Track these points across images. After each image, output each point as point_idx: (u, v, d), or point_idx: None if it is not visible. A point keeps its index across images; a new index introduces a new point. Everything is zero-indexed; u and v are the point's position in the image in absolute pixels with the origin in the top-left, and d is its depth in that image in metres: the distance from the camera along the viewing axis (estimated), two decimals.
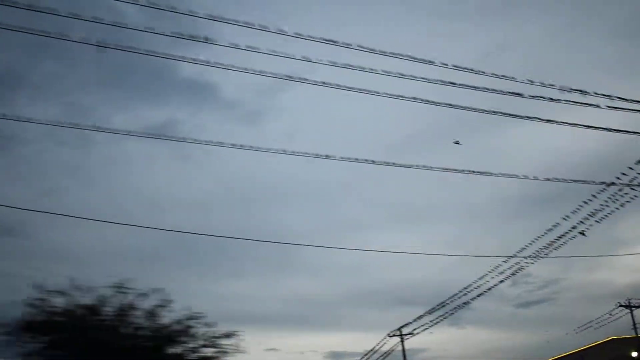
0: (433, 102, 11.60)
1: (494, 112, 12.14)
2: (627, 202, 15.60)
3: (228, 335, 17.37)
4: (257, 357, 50.80)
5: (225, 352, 17.21)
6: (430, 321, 29.14)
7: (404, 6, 67.45)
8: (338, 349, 56.14)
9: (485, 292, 23.85)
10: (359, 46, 10.72)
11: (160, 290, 16.80)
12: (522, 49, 67.80)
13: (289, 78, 10.95)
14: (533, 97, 11.93)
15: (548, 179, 14.39)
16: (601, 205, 16.32)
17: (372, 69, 10.89)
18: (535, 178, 14.26)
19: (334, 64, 10.78)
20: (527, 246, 19.88)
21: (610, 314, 34.24)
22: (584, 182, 14.74)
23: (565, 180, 14.30)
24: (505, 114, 12.20)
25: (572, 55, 65.80)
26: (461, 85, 11.52)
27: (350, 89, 11.07)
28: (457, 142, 19.94)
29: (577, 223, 17.38)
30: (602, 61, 64.04)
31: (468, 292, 25.11)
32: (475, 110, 11.92)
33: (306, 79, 11.18)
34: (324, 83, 11.12)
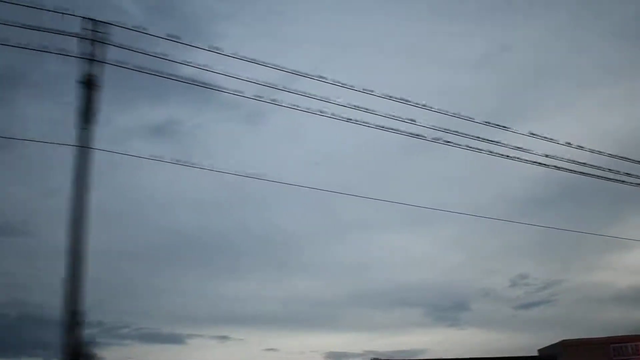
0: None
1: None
2: None
3: None
4: (257, 357, 50.84)
5: None
6: None
7: (407, 5, 67.53)
8: (338, 350, 56.14)
9: None
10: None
11: None
12: (524, 49, 67.83)
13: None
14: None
15: None
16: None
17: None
18: None
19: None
20: None
21: None
22: None
23: None
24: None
25: (574, 55, 65.79)
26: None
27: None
28: None
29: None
30: (604, 62, 64.03)
31: None
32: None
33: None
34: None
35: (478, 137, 13.12)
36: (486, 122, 13.28)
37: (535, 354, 30.83)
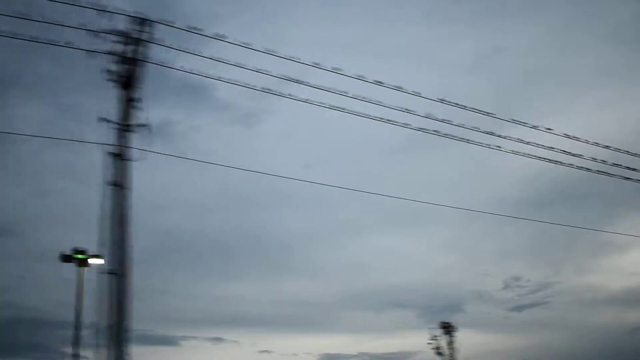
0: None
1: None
2: None
3: None
4: (251, 359, 50.70)
5: None
6: None
7: (401, 8, 67.68)
8: (332, 351, 56.09)
9: None
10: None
11: None
12: (518, 51, 68.15)
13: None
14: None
15: None
16: None
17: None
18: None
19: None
20: None
21: None
22: None
23: None
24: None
25: (568, 58, 66.16)
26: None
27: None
28: None
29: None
30: (599, 64, 64.40)
31: None
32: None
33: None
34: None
35: (482, 130, 13.10)
36: (486, 113, 13.29)
37: None
